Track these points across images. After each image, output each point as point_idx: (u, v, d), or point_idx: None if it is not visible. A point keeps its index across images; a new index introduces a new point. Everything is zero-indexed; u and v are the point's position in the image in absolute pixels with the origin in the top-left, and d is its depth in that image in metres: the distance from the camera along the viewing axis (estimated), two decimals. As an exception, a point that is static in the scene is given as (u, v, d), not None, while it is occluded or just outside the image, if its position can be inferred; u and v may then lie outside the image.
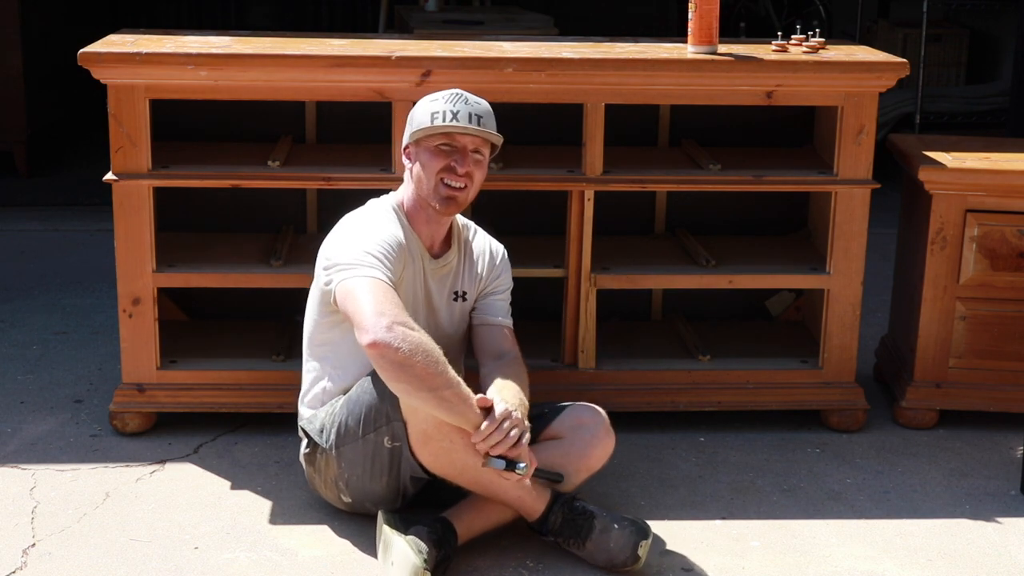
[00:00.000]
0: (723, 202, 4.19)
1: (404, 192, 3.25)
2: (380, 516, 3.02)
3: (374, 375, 3.02)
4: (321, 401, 3.24)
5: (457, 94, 3.18)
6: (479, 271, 3.34)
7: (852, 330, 3.85)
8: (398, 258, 3.10)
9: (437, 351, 2.90)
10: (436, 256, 3.26)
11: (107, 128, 3.56)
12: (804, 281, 3.94)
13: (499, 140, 3.21)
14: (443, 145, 3.15)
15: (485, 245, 3.38)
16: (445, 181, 3.16)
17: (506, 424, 2.92)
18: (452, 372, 2.91)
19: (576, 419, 3.22)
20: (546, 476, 3.08)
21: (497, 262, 3.38)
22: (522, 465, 2.93)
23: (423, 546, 2.91)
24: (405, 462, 3.07)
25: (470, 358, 3.38)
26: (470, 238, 3.36)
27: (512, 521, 3.12)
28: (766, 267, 3.92)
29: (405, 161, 3.23)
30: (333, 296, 3.04)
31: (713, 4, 3.74)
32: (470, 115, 3.14)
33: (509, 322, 3.37)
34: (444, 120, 3.12)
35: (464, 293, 3.32)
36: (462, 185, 3.16)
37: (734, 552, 3.18)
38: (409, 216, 3.22)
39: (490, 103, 3.71)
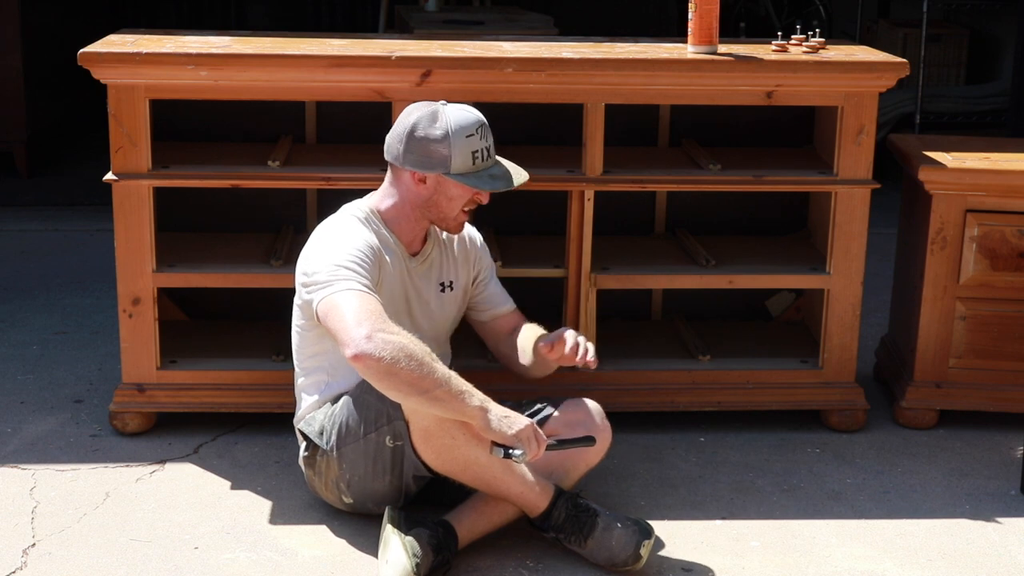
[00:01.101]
0: (723, 202, 4.19)
1: (385, 201, 3.24)
2: (386, 512, 3.02)
3: (372, 375, 3.03)
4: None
5: (483, 126, 3.17)
6: (459, 256, 3.38)
7: (852, 330, 3.85)
8: (374, 264, 3.11)
9: (421, 352, 2.89)
10: (415, 253, 3.28)
11: (107, 128, 3.56)
12: (804, 281, 3.94)
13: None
14: None
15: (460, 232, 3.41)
16: (466, 209, 3.22)
17: (578, 339, 3.18)
18: (441, 369, 2.90)
19: (572, 415, 3.23)
20: (576, 443, 3.09)
21: (478, 244, 3.44)
22: (518, 452, 2.93)
23: (419, 549, 2.91)
24: (408, 461, 3.07)
25: (458, 357, 3.40)
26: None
27: (514, 521, 3.12)
28: (766, 267, 3.92)
29: (409, 180, 3.19)
30: (315, 314, 3.05)
31: (713, 4, 3.74)
32: (500, 159, 3.23)
33: (513, 304, 3.46)
34: (484, 160, 3.16)
35: (451, 283, 3.35)
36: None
37: (734, 552, 3.18)
38: (389, 221, 3.23)
39: (490, 103, 3.72)
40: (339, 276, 3.02)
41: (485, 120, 3.19)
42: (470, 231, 3.44)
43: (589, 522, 3.05)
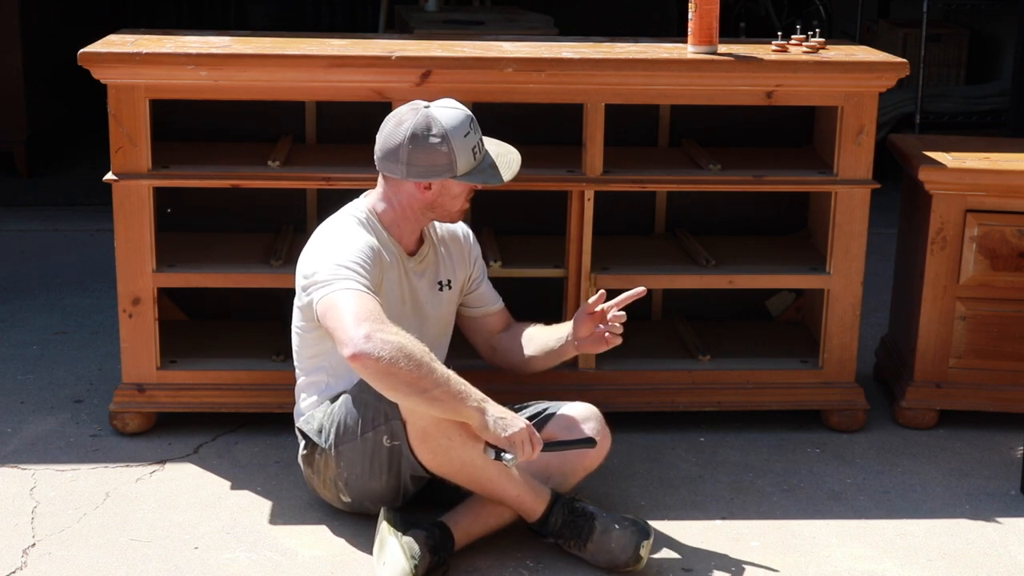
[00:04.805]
0: (723, 202, 4.19)
1: (380, 205, 3.23)
2: (382, 512, 3.02)
3: (371, 375, 3.02)
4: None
5: (472, 121, 3.16)
6: (455, 255, 3.39)
7: (852, 330, 3.85)
8: (374, 265, 3.11)
9: (420, 352, 2.88)
10: (412, 254, 3.28)
11: (107, 128, 3.56)
12: (804, 281, 3.94)
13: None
14: None
15: (451, 228, 3.42)
16: (468, 200, 3.26)
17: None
18: (440, 369, 2.90)
19: (571, 419, 3.21)
20: (575, 445, 3.08)
21: (471, 241, 3.46)
22: (508, 456, 2.92)
23: (417, 550, 2.90)
24: (405, 461, 3.07)
25: (458, 357, 3.40)
26: (436, 226, 3.40)
27: (510, 524, 3.12)
28: (766, 267, 3.92)
29: (412, 189, 3.17)
30: (315, 313, 3.05)
31: (713, 4, 3.74)
32: (497, 155, 3.24)
33: (502, 303, 3.51)
34: (481, 155, 3.18)
35: (448, 281, 3.35)
36: None
37: (734, 552, 3.18)
38: (386, 223, 3.22)
39: (490, 103, 3.72)
40: (339, 275, 3.02)
41: (471, 113, 3.19)
42: (463, 228, 3.45)
43: (587, 526, 3.05)
